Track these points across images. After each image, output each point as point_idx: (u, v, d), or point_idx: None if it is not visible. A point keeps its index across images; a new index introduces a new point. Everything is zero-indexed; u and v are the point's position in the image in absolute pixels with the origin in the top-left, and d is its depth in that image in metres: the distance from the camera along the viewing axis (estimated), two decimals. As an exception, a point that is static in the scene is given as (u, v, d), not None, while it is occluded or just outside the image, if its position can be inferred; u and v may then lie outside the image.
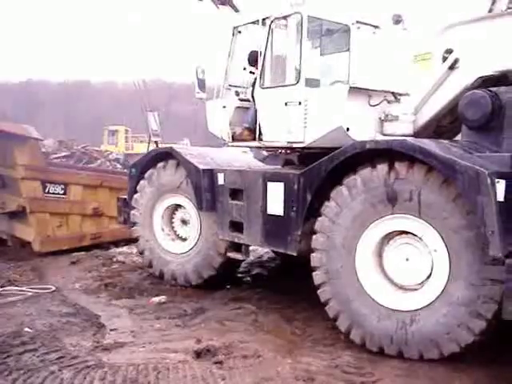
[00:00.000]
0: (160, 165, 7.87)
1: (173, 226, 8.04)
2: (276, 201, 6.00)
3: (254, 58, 6.78)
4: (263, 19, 6.63)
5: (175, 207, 7.95)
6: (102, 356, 4.98)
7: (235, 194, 6.70)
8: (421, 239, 4.89)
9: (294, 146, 6.38)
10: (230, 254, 7.02)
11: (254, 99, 6.80)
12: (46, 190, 9.77)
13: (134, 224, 8.34)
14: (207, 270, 7.35)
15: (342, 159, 5.29)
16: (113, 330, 5.85)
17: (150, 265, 8.12)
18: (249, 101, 7.05)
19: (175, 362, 4.82)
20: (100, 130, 39.89)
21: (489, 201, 4.20)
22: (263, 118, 6.60)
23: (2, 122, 10.63)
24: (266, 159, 8.33)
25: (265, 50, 6.56)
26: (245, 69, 7.21)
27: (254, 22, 6.88)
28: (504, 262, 4.23)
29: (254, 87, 6.80)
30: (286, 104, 6.25)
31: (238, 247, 6.91)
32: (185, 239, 7.83)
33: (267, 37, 6.55)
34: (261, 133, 6.64)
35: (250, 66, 7.06)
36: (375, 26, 6.64)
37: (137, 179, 8.22)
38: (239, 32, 7.18)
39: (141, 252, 8.35)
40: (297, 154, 6.87)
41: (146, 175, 8.04)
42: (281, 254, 7.38)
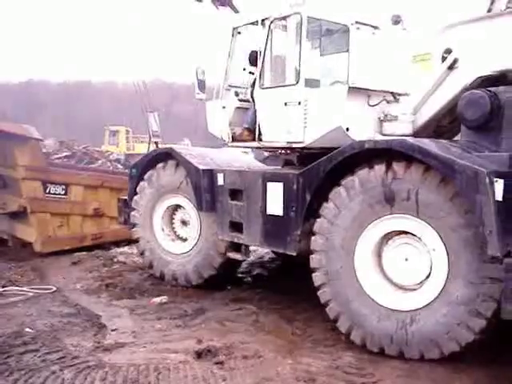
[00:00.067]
0: (159, 165, 7.87)
1: (173, 227, 8.05)
2: (275, 201, 6.00)
3: (255, 57, 6.76)
4: (263, 20, 6.61)
5: (175, 208, 7.95)
6: (102, 356, 4.98)
7: (235, 194, 6.71)
8: (419, 239, 4.90)
9: (294, 146, 6.38)
10: (230, 255, 7.03)
11: (253, 99, 6.79)
12: (47, 191, 9.77)
13: (134, 225, 8.34)
14: (208, 270, 7.35)
15: (341, 159, 5.30)
16: (114, 330, 5.85)
17: (150, 266, 8.12)
18: (248, 101, 7.04)
19: (176, 362, 4.82)
20: (101, 130, 39.84)
21: (487, 200, 4.20)
22: (263, 119, 6.60)
23: (3, 122, 10.61)
24: (266, 160, 8.34)
25: (264, 51, 6.54)
26: (244, 69, 7.21)
27: (253, 23, 6.87)
28: (502, 260, 4.24)
29: (253, 87, 6.80)
30: (285, 104, 6.24)
31: (237, 247, 6.92)
32: (185, 239, 7.83)
33: (267, 37, 6.54)
34: (260, 133, 6.64)
35: (251, 65, 7.04)
36: (374, 27, 6.62)
37: (137, 180, 8.22)
38: (239, 33, 7.17)
39: (141, 253, 8.35)
40: (296, 154, 6.86)
41: (146, 176, 8.04)
42: (281, 254, 7.39)
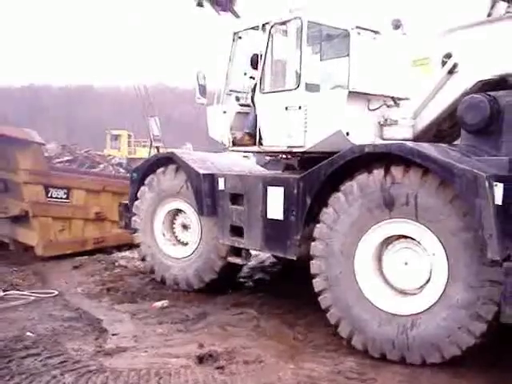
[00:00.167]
0: (160, 170, 7.89)
1: (174, 231, 8.05)
2: (276, 205, 6.00)
3: (257, 61, 6.76)
4: (263, 25, 6.61)
5: (176, 212, 7.95)
6: (103, 361, 4.97)
7: (235, 198, 6.71)
8: (419, 243, 4.89)
9: (294, 150, 6.37)
10: (230, 259, 7.02)
11: (254, 104, 6.79)
12: (49, 195, 9.78)
13: (135, 230, 8.35)
14: (209, 274, 7.35)
15: (341, 163, 5.30)
16: (115, 334, 5.85)
17: (151, 270, 8.12)
18: (249, 106, 7.05)
19: (177, 366, 4.81)
20: (102, 134, 39.98)
21: (487, 204, 4.21)
22: (263, 123, 6.59)
23: (5, 126, 10.65)
24: (267, 164, 8.33)
25: (265, 56, 6.54)
26: (245, 74, 7.23)
27: (253, 28, 6.88)
28: (502, 264, 4.23)
29: (254, 92, 6.80)
30: (286, 109, 6.23)
31: (238, 252, 6.91)
32: (186, 244, 7.83)
33: (267, 42, 6.53)
34: (261, 137, 6.63)
35: (253, 69, 7.04)
36: (375, 32, 6.63)
37: (138, 184, 8.24)
38: (239, 37, 7.17)
39: (142, 258, 8.35)
40: (297, 158, 6.86)
41: (147, 181, 8.06)
42: (281, 258, 7.39)
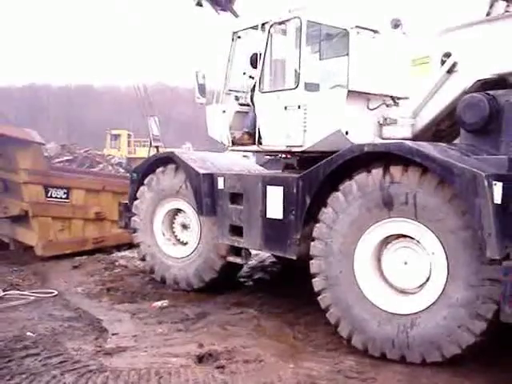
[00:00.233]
0: (159, 170, 7.89)
1: (173, 231, 8.06)
2: (275, 205, 6.00)
3: (256, 61, 6.73)
4: (262, 24, 6.60)
5: (175, 212, 7.96)
6: (103, 360, 4.97)
7: (235, 198, 6.71)
8: (418, 242, 4.89)
9: (294, 150, 6.37)
10: (230, 258, 7.03)
11: (253, 104, 6.78)
12: (49, 195, 9.80)
13: (135, 230, 8.35)
14: (209, 274, 7.36)
15: (341, 162, 5.30)
16: (115, 334, 5.85)
17: (151, 270, 8.12)
18: (248, 105, 7.04)
19: (177, 366, 4.81)
20: (102, 134, 39.97)
21: (486, 203, 4.21)
22: (263, 123, 6.59)
23: (5, 126, 10.65)
24: (266, 163, 8.34)
25: (264, 55, 6.54)
26: (244, 73, 7.22)
27: (253, 27, 6.87)
28: (501, 262, 4.24)
29: (253, 92, 6.79)
30: (285, 108, 6.24)
31: (237, 251, 6.91)
32: (185, 243, 7.83)
33: (266, 42, 6.53)
34: (260, 137, 6.63)
35: (253, 67, 7.03)
36: (374, 31, 6.62)
37: (138, 184, 8.24)
38: (239, 37, 7.17)
39: (142, 258, 8.35)
40: (297, 158, 6.86)
41: (146, 181, 8.06)
42: (281, 258, 7.39)
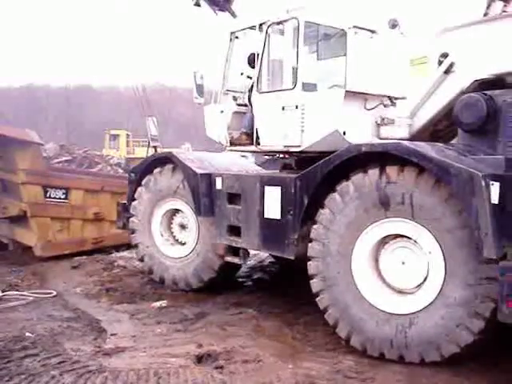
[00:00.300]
0: (157, 170, 7.90)
1: (172, 231, 8.06)
2: (273, 205, 6.01)
3: (254, 61, 6.76)
4: (260, 24, 6.60)
5: (173, 212, 7.96)
6: (102, 361, 4.98)
7: (233, 198, 6.72)
8: (415, 242, 4.91)
9: (291, 150, 6.38)
10: (228, 258, 7.02)
11: (251, 104, 6.79)
12: (48, 195, 9.80)
13: (133, 231, 8.35)
14: (207, 273, 7.37)
15: (338, 163, 5.30)
16: (113, 334, 5.86)
17: (150, 271, 8.12)
18: (246, 105, 7.03)
19: (176, 366, 4.82)
20: (101, 134, 39.94)
21: (483, 203, 4.22)
22: (260, 123, 6.60)
23: (4, 126, 10.65)
24: (265, 163, 8.35)
25: (262, 55, 6.54)
26: (242, 74, 7.23)
27: (251, 28, 6.88)
28: (498, 262, 4.25)
29: (251, 92, 6.80)
30: (283, 108, 6.24)
31: (236, 251, 6.91)
32: (184, 243, 7.84)
33: (264, 42, 6.53)
34: (258, 137, 6.64)
35: (251, 67, 7.03)
36: (372, 31, 6.62)
37: (136, 184, 8.25)
38: (236, 37, 7.17)
39: (141, 258, 8.34)
40: (294, 158, 6.87)
41: (144, 182, 8.07)
42: (280, 258, 7.40)
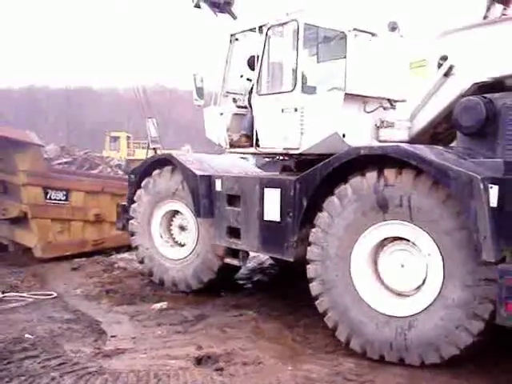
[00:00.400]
0: (156, 172, 7.91)
1: (171, 233, 8.06)
2: (272, 207, 6.02)
3: (253, 63, 6.77)
4: (260, 27, 6.61)
5: (173, 214, 7.97)
6: (102, 362, 4.99)
7: (232, 200, 6.72)
8: (414, 244, 4.91)
9: (291, 152, 6.39)
10: (228, 260, 7.03)
11: (250, 106, 6.80)
12: (48, 196, 9.80)
13: (132, 233, 8.36)
14: (207, 274, 7.37)
15: (337, 165, 5.31)
16: (113, 336, 5.86)
17: (150, 273, 8.13)
18: (246, 108, 7.05)
19: (176, 368, 4.83)
20: (102, 135, 40.01)
21: (482, 206, 4.23)
22: (260, 125, 6.61)
23: (4, 127, 10.65)
24: (265, 165, 8.36)
25: (261, 57, 6.55)
26: (242, 76, 7.24)
27: (250, 30, 6.89)
28: (497, 265, 4.25)
29: (250, 94, 6.81)
30: (282, 111, 6.25)
31: (235, 253, 6.91)
32: (183, 245, 7.84)
33: (264, 44, 6.54)
34: (258, 139, 6.65)
35: (251, 70, 7.04)
36: (372, 33, 6.63)
37: (135, 186, 8.26)
38: (236, 39, 7.19)
39: (141, 261, 8.34)
40: (294, 160, 6.88)
41: (143, 184, 8.08)
42: (279, 260, 7.40)
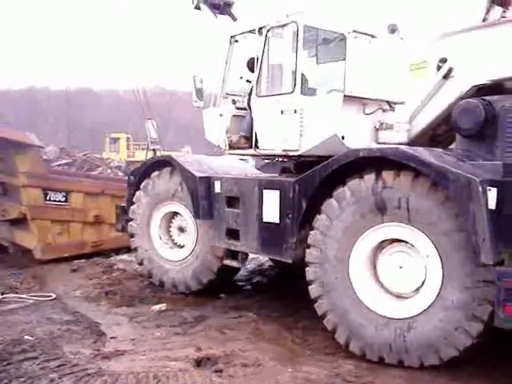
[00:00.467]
0: (155, 174, 7.91)
1: (170, 235, 8.07)
2: (271, 208, 6.02)
3: (253, 65, 6.76)
4: (260, 28, 6.61)
5: (172, 215, 7.97)
6: (102, 364, 4.99)
7: (231, 201, 6.72)
8: (413, 246, 4.92)
9: (290, 154, 6.38)
10: (227, 262, 7.03)
11: (250, 107, 6.79)
12: (47, 198, 9.79)
13: (132, 235, 8.36)
14: (206, 275, 7.37)
15: (336, 167, 5.32)
16: (113, 337, 5.87)
17: (149, 275, 8.13)
18: (245, 109, 7.04)
19: (175, 370, 4.83)
20: (102, 137, 40.00)
21: (480, 208, 4.24)
22: (259, 127, 6.61)
23: (4, 129, 10.65)
24: (264, 167, 8.36)
25: (261, 59, 6.55)
26: (241, 77, 7.25)
27: (250, 31, 6.90)
28: (495, 268, 4.26)
29: (250, 96, 6.81)
30: (281, 112, 6.24)
31: (234, 254, 6.91)
32: (182, 246, 7.84)
33: (263, 46, 6.54)
34: (257, 141, 6.65)
35: (250, 72, 7.02)
36: (371, 35, 6.63)
37: (135, 187, 8.26)
38: (236, 41, 7.19)
39: (140, 262, 8.34)
40: (293, 161, 6.88)
41: (142, 185, 8.08)
42: (279, 262, 7.40)
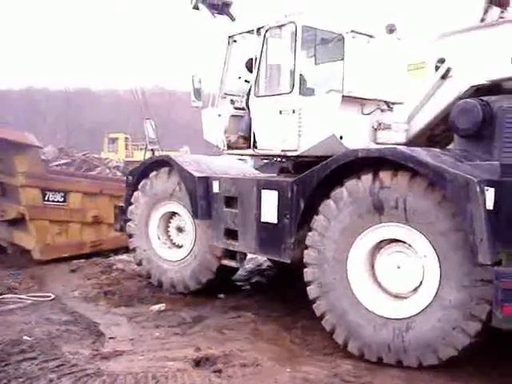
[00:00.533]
0: (153, 174, 7.92)
1: (169, 235, 8.07)
2: (270, 208, 6.02)
3: (251, 65, 6.76)
4: (258, 28, 6.63)
5: (170, 215, 7.98)
6: (100, 364, 4.99)
7: (230, 201, 6.72)
8: (410, 246, 4.93)
9: (288, 154, 6.39)
10: (225, 262, 7.04)
11: (248, 108, 6.80)
12: (46, 198, 9.78)
13: (130, 235, 8.36)
14: (205, 275, 7.38)
15: (334, 167, 5.32)
16: (112, 338, 5.87)
17: (148, 275, 8.13)
18: (244, 109, 7.05)
19: (174, 370, 4.82)
20: (100, 137, 40.00)
21: (478, 208, 4.25)
22: (258, 127, 6.62)
23: (3, 129, 10.64)
24: (263, 167, 8.37)
25: (259, 59, 6.56)
26: (240, 78, 7.25)
27: (248, 32, 6.90)
28: (493, 268, 4.26)
29: (248, 96, 6.82)
30: (280, 112, 6.26)
31: (232, 254, 6.92)
32: (181, 246, 7.84)
33: (262, 46, 6.54)
34: (255, 141, 6.65)
35: (249, 72, 7.03)
36: (369, 36, 6.64)
37: (133, 187, 8.26)
38: (234, 41, 7.20)
39: (138, 263, 8.33)
40: (292, 162, 6.89)
41: (140, 186, 8.08)
42: (277, 262, 7.41)
